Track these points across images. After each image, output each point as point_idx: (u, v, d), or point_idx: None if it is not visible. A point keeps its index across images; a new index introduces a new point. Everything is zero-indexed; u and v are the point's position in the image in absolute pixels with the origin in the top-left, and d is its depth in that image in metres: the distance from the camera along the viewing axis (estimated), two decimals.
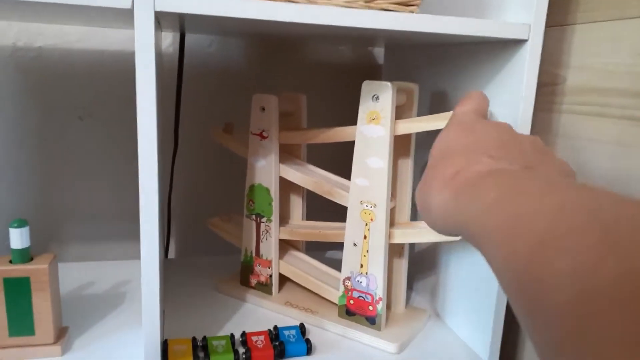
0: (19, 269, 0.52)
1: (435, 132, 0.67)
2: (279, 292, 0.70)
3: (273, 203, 0.67)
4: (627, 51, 0.47)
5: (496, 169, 0.31)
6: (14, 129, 0.79)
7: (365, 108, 0.57)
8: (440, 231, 0.35)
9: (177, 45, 0.82)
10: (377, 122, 0.57)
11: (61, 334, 0.56)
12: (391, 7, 0.47)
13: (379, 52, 0.90)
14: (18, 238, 0.52)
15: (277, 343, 0.56)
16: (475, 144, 0.36)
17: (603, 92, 0.49)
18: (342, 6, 0.46)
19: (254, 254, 0.70)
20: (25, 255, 0.52)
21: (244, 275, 0.71)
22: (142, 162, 0.45)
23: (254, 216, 0.69)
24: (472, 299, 0.61)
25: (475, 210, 0.28)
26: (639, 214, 0.19)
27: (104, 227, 0.85)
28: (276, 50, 0.87)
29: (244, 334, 0.58)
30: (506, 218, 0.24)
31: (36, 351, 0.53)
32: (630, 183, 0.46)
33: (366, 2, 0.47)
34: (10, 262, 0.52)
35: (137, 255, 0.84)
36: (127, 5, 0.41)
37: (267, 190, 0.67)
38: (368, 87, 0.57)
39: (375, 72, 0.90)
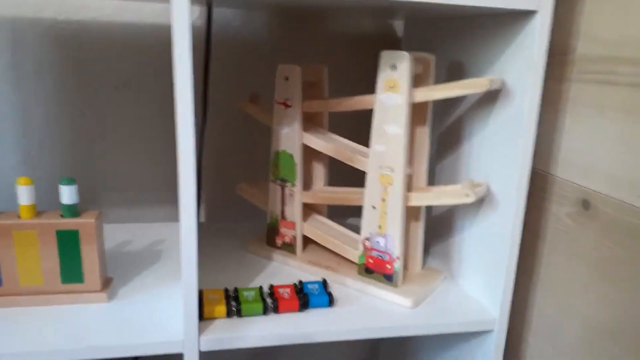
0: (69, 222, 0.57)
1: (452, 101, 0.71)
2: (302, 252, 0.75)
3: (297, 168, 0.71)
4: (634, 20, 0.49)
5: None
6: (55, 100, 0.85)
7: (383, 77, 0.61)
8: None
9: (204, 19, 0.86)
10: (395, 90, 0.60)
11: (107, 284, 0.62)
12: None
13: (399, 25, 0.93)
14: (68, 194, 0.57)
15: (302, 295, 0.61)
16: None
17: (611, 60, 0.52)
18: None
19: (279, 217, 0.75)
20: (74, 210, 0.58)
21: (270, 236, 0.76)
22: (180, 130, 0.49)
23: (278, 181, 0.73)
24: (485, 261, 0.65)
25: None
26: None
27: (139, 193, 0.91)
28: (300, 23, 0.91)
29: (271, 286, 0.63)
30: None
31: (85, 297, 0.60)
32: (636, 149, 0.49)
33: None
34: (62, 216, 0.58)
35: (170, 218, 0.90)
36: None
37: (291, 156, 0.71)
38: (386, 56, 0.60)
39: (395, 45, 0.93)
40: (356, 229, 0.69)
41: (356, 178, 0.68)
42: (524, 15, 0.56)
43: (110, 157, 0.89)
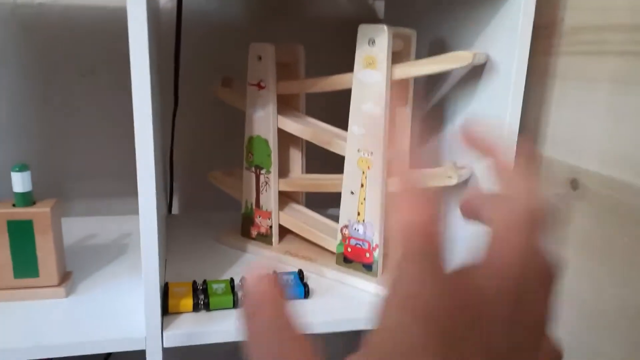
0: (22, 212, 0.53)
1: (435, 79, 0.67)
2: (279, 242, 0.71)
3: (272, 154, 0.67)
4: None
5: None
6: (17, 86, 0.80)
7: (361, 52, 0.57)
8: None
9: (174, 1, 0.81)
10: (373, 67, 0.57)
11: (65, 277, 0.58)
12: None
13: (380, 6, 0.89)
14: (20, 182, 0.53)
15: None
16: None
17: (600, 29, 0.49)
18: None
19: (254, 206, 0.71)
20: (28, 199, 0.54)
21: (245, 227, 0.72)
22: (137, 115, 0.44)
23: (253, 168, 0.69)
24: (470, 246, 0.62)
25: None
26: None
27: (106, 184, 0.86)
28: (275, 4, 0.87)
29: (243, 278, 0.59)
30: None
31: (41, 292, 0.55)
32: (627, 122, 0.46)
33: None
34: (14, 205, 0.54)
35: (138, 211, 0.85)
36: None
37: (266, 141, 0.67)
38: (364, 30, 0.56)
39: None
40: (336, 219, 0.66)
41: (338, 164, 0.64)
42: None
43: (76, 147, 0.84)
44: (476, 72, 0.59)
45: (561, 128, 0.54)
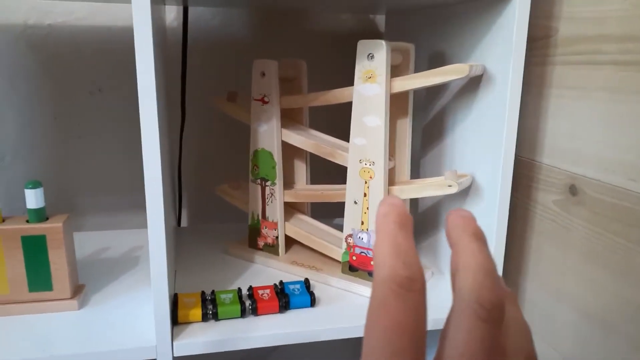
0: (36, 228, 0.55)
1: (435, 91, 0.69)
2: (285, 252, 0.72)
3: (277, 167, 0.69)
4: None
5: None
6: (28, 106, 0.82)
7: (361, 67, 0.59)
8: None
9: (181, 20, 0.84)
10: (373, 80, 0.58)
11: (78, 290, 0.59)
12: None
13: (380, 20, 0.91)
14: (33, 198, 0.55)
15: (282, 295, 0.59)
16: None
17: (593, 39, 0.50)
18: None
19: (260, 217, 0.72)
20: (41, 215, 0.55)
21: (252, 238, 0.74)
22: (144, 131, 0.46)
23: (259, 180, 0.71)
24: None
25: None
26: None
27: (117, 198, 0.88)
28: (278, 21, 0.89)
29: (250, 288, 0.60)
30: None
31: (54, 305, 0.57)
32: (621, 128, 0.47)
33: None
34: (27, 221, 0.55)
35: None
36: None
37: (270, 154, 0.69)
38: (363, 46, 0.58)
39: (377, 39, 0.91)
40: (341, 228, 0.67)
41: (341, 175, 0.66)
42: None
43: (87, 164, 0.86)
44: (474, 83, 0.60)
45: (558, 136, 0.56)
